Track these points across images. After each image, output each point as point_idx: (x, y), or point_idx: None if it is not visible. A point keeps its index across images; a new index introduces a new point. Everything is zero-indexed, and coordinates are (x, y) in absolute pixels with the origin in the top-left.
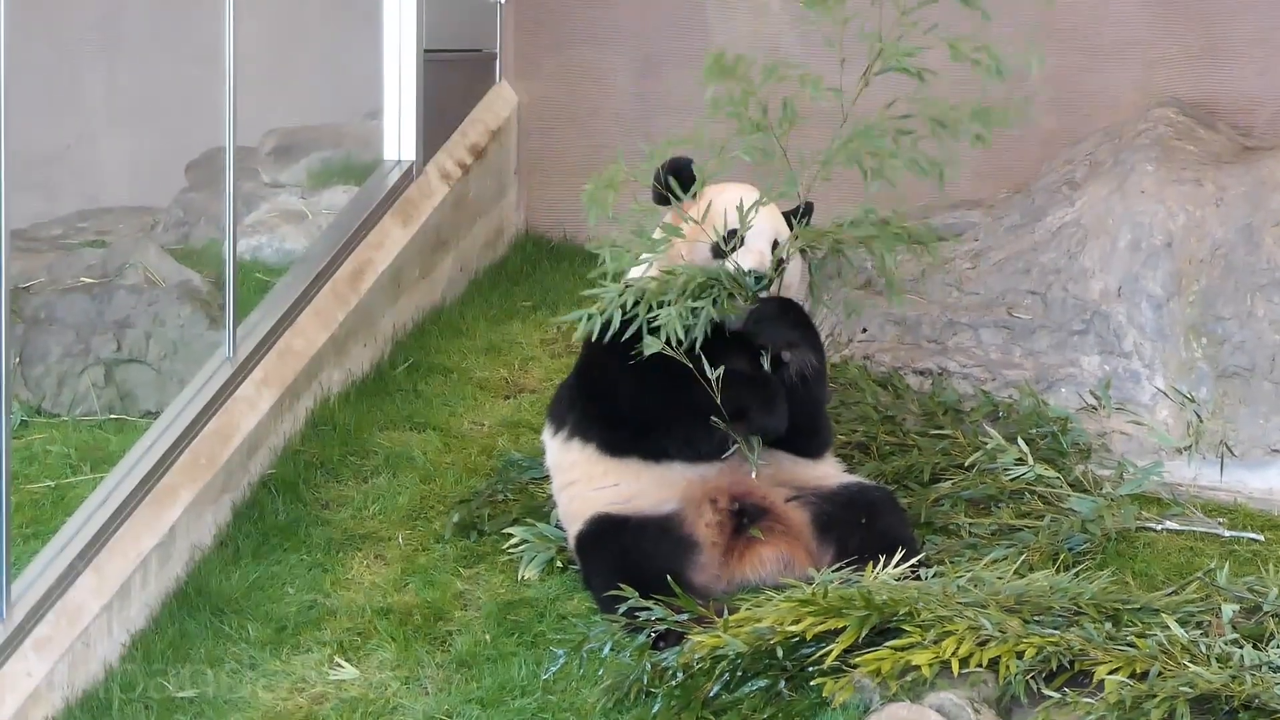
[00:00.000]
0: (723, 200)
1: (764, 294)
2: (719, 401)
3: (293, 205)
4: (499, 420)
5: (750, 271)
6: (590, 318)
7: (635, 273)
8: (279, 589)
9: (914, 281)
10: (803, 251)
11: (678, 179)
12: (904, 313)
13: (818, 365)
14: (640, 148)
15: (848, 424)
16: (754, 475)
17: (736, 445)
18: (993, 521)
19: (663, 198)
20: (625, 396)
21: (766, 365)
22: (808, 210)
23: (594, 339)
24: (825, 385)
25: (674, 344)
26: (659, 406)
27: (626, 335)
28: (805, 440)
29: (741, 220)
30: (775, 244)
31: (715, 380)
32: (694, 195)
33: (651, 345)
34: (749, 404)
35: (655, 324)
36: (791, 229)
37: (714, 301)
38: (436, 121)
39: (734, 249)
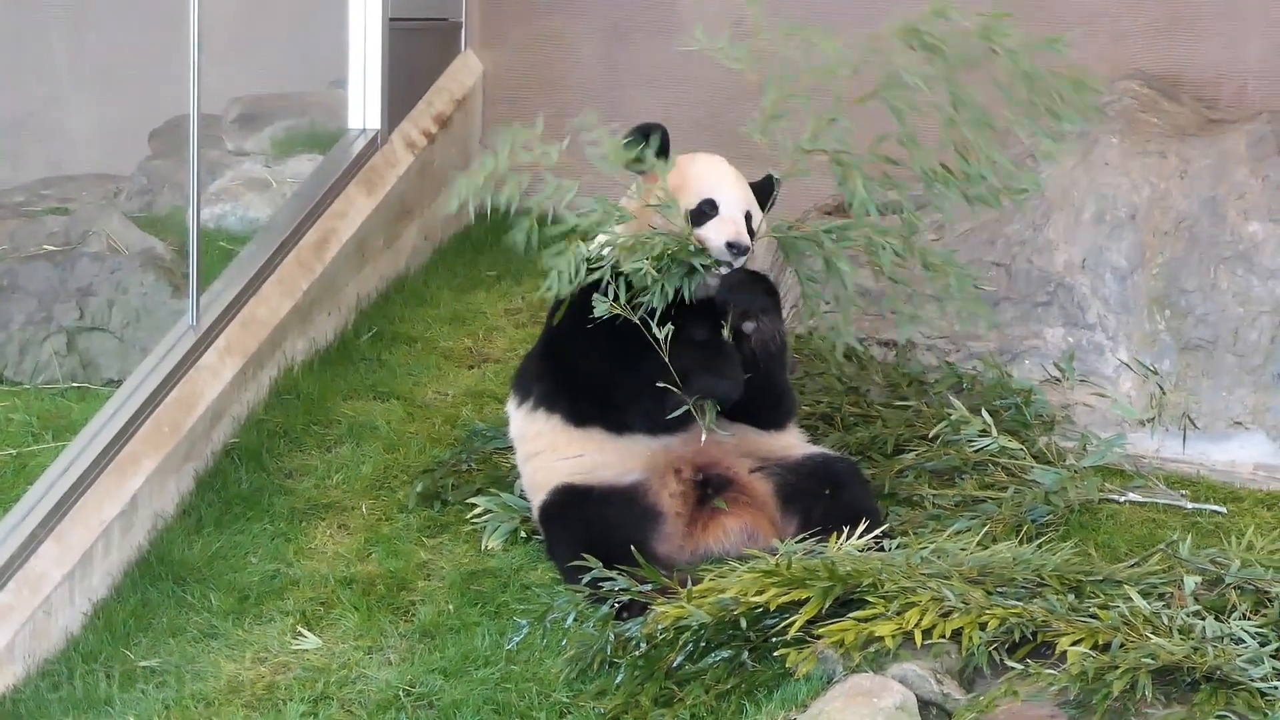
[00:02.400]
0: (696, 169)
1: (737, 264)
2: (670, 363)
3: (257, 173)
4: (463, 390)
5: (730, 244)
6: (560, 276)
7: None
8: (242, 558)
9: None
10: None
11: (647, 140)
12: (868, 284)
13: (782, 337)
14: (607, 117)
15: (812, 395)
16: (703, 440)
17: (687, 407)
18: (956, 493)
19: (635, 163)
20: (586, 367)
21: (727, 334)
22: (770, 188)
23: (562, 306)
24: (788, 356)
25: (629, 305)
26: (617, 377)
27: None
28: (769, 411)
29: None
30: (748, 215)
31: (664, 338)
32: (668, 162)
33: (600, 304)
34: (701, 368)
35: (625, 275)
36: (760, 202)
37: (688, 270)
38: (401, 90)
39: (708, 219)
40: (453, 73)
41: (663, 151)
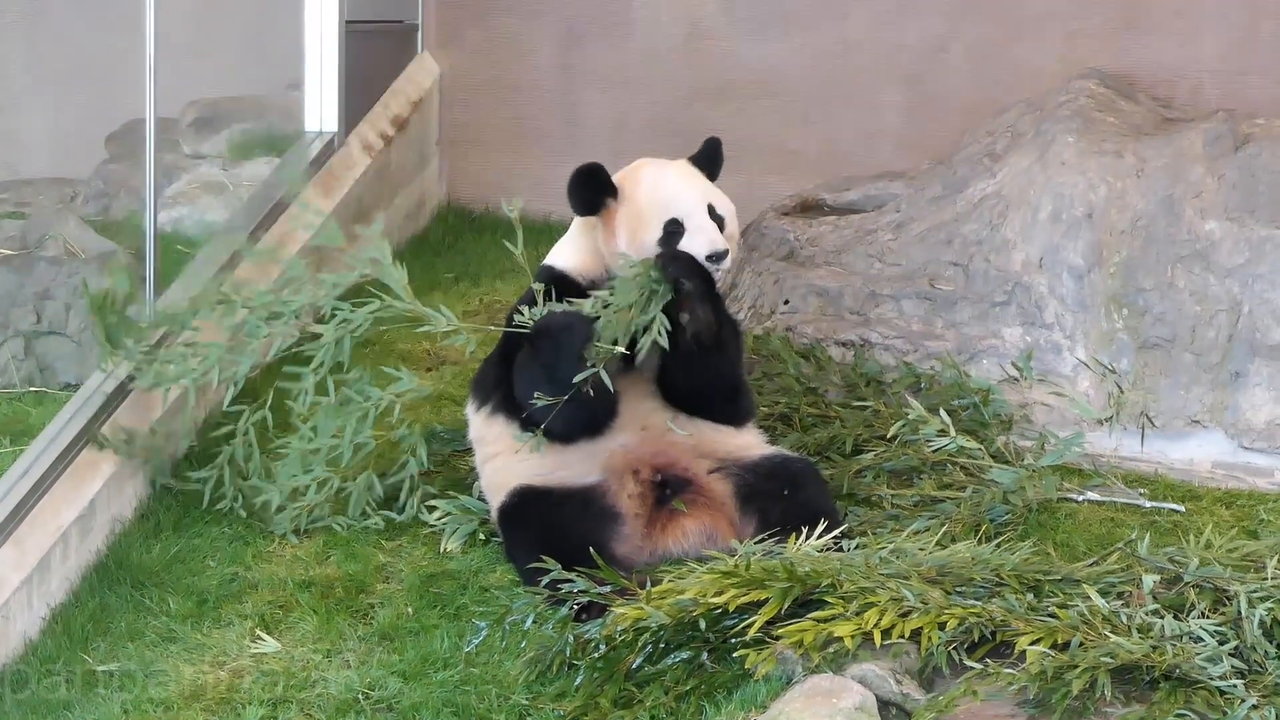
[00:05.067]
0: (645, 190)
1: (724, 267)
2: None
3: (214, 177)
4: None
5: (709, 256)
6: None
7: (555, 259)
8: (200, 562)
9: (835, 254)
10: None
11: (591, 185)
12: (828, 285)
13: (714, 324)
14: (562, 118)
15: (770, 395)
16: (670, 421)
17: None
18: (915, 493)
19: (590, 206)
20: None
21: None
22: (716, 149)
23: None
24: (740, 349)
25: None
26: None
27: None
28: (722, 403)
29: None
30: (710, 208)
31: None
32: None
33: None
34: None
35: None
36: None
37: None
38: (358, 92)
39: (679, 240)
40: (409, 75)
41: (607, 190)
